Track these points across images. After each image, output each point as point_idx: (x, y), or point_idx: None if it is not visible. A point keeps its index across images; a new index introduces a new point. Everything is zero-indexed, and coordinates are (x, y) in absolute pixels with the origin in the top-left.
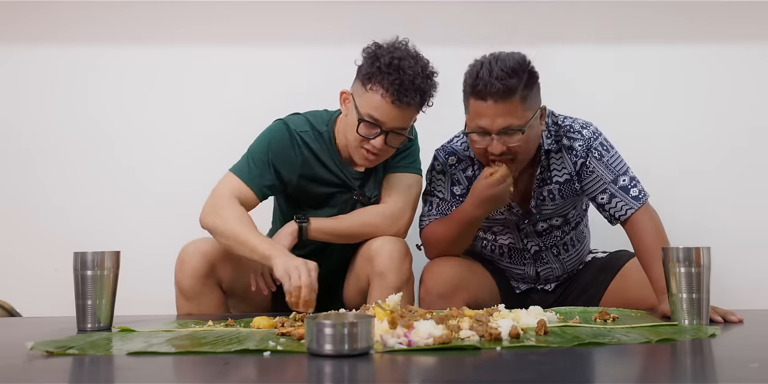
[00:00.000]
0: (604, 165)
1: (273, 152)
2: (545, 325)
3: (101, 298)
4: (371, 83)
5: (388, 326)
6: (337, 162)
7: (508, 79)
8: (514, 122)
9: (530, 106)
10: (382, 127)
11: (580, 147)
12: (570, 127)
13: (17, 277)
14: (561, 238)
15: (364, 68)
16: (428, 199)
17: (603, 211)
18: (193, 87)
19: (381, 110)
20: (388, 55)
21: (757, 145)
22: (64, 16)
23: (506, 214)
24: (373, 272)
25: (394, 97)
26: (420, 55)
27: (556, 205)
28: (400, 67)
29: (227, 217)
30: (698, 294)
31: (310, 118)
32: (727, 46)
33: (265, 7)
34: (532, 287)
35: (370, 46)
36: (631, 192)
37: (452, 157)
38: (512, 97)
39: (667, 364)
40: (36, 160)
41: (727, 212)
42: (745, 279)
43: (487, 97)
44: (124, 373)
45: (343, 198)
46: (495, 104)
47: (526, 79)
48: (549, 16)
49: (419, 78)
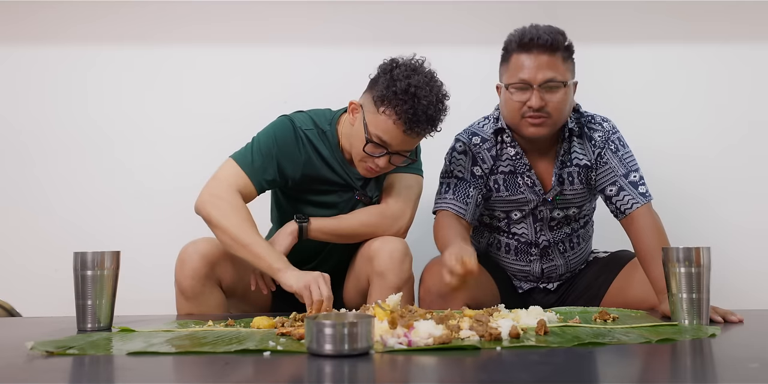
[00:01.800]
0: (618, 159)
1: (279, 146)
2: (545, 325)
3: (101, 298)
4: (384, 107)
5: (388, 326)
6: (340, 161)
7: (556, 35)
8: (556, 76)
9: (570, 68)
10: (389, 149)
11: (599, 138)
12: (592, 117)
13: (17, 277)
14: (569, 235)
15: (379, 89)
16: (445, 181)
17: (610, 203)
18: (192, 87)
19: (390, 135)
20: (405, 80)
21: (757, 145)
22: (64, 17)
23: (528, 192)
24: (373, 272)
25: (406, 127)
26: (435, 79)
27: (575, 190)
28: (416, 96)
29: (228, 212)
30: (698, 294)
31: (314, 117)
32: (727, 46)
33: (265, 7)
34: (534, 286)
35: (388, 64)
36: (640, 189)
37: (476, 137)
38: (557, 51)
39: (667, 364)
40: (36, 160)
41: (727, 212)
42: (745, 279)
43: (533, 48)
44: (124, 373)
45: (345, 197)
46: (540, 56)
47: (567, 43)
48: (549, 16)
49: (432, 108)
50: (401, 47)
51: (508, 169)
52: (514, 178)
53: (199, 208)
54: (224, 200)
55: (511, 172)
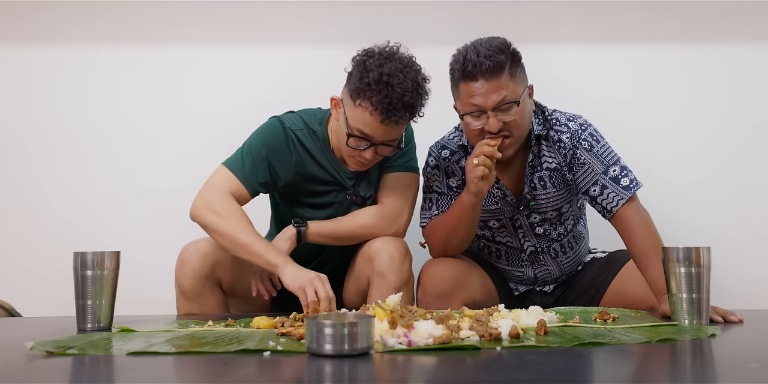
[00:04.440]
0: (594, 156)
1: (269, 148)
2: (545, 325)
3: (101, 298)
4: (360, 99)
5: (388, 326)
6: (331, 160)
7: (496, 56)
8: (508, 95)
9: (519, 81)
10: (372, 141)
11: (567, 139)
12: (556, 120)
13: (17, 277)
14: (558, 240)
15: (353, 81)
16: (427, 197)
17: (596, 204)
18: (191, 87)
19: (370, 127)
20: (377, 69)
21: (757, 145)
22: (62, 17)
23: (500, 203)
24: (373, 272)
25: (383, 116)
26: (411, 64)
27: (548, 194)
28: (390, 85)
29: (224, 215)
30: (698, 294)
31: (305, 117)
32: (727, 46)
33: (265, 7)
34: (530, 289)
35: (360, 55)
36: (622, 182)
37: (445, 150)
38: (502, 72)
39: (667, 364)
40: (35, 161)
41: (728, 212)
42: (745, 279)
43: (478, 76)
44: (124, 373)
45: (339, 198)
46: (487, 82)
47: (511, 56)
48: (549, 16)
49: (408, 94)
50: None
51: None
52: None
53: (194, 215)
54: (218, 204)
55: None
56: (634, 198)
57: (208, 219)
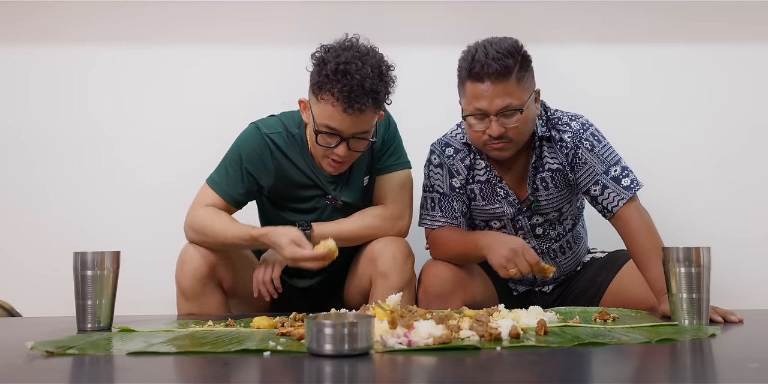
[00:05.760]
0: (596, 156)
1: (245, 158)
2: (545, 325)
3: (101, 298)
4: (321, 92)
5: (388, 326)
6: (310, 164)
7: (505, 60)
8: (512, 102)
9: (526, 87)
10: (342, 135)
11: (569, 139)
12: (558, 119)
13: (17, 277)
14: (557, 240)
15: (314, 76)
16: (428, 196)
17: (596, 204)
18: (192, 87)
19: (335, 120)
20: (334, 60)
21: (756, 144)
22: (63, 17)
23: (503, 204)
24: (376, 273)
25: (345, 105)
26: (370, 53)
27: (550, 195)
28: (347, 72)
29: (205, 224)
30: (698, 294)
31: (284, 120)
32: (727, 46)
33: (267, 8)
34: (530, 289)
35: (318, 51)
36: (623, 182)
37: (449, 148)
38: (509, 77)
39: (667, 364)
40: (36, 161)
41: (728, 212)
42: (745, 279)
43: (485, 78)
44: (124, 373)
45: (321, 203)
46: (493, 85)
47: (521, 60)
48: (550, 16)
49: (369, 80)
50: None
51: (484, 178)
52: (490, 187)
53: (187, 235)
54: (199, 217)
55: (486, 181)
56: (634, 198)
57: (197, 231)
